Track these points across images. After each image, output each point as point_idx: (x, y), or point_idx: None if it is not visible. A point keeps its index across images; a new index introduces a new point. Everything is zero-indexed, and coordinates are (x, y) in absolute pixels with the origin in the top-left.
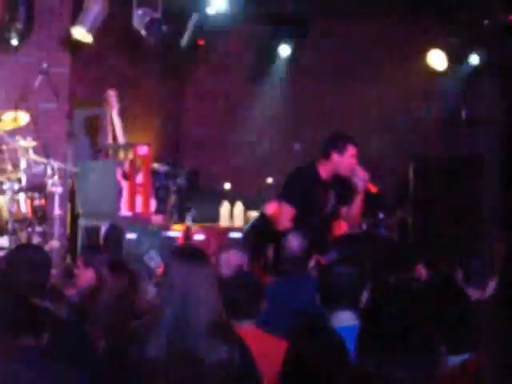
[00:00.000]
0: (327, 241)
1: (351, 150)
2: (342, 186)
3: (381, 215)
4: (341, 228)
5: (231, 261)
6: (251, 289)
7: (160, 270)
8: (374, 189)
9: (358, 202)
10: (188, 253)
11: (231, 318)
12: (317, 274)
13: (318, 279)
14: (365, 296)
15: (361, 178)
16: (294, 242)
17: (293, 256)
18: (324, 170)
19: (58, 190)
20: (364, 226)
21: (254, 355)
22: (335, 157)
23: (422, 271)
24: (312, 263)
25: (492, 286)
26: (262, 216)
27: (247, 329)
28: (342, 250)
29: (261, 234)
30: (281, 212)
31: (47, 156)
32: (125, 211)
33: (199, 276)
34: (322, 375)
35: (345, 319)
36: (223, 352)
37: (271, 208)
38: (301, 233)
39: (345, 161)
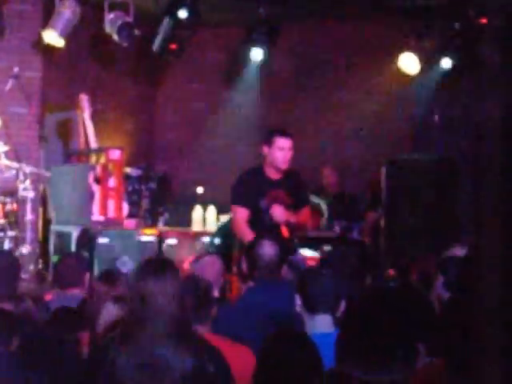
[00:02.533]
0: (290, 241)
1: (279, 142)
2: (292, 184)
3: None
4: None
5: (209, 266)
6: (200, 294)
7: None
8: (285, 232)
9: (303, 211)
10: (153, 265)
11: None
12: (292, 278)
13: (297, 284)
14: (342, 302)
15: (274, 218)
16: (267, 249)
17: (266, 263)
18: (268, 169)
19: (30, 194)
20: (337, 229)
21: None
22: (265, 150)
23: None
24: (285, 268)
25: None
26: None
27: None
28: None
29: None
30: (234, 215)
31: (19, 160)
32: (97, 216)
33: (162, 287)
34: (294, 381)
35: (323, 325)
36: (189, 362)
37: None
38: (272, 239)
39: (273, 153)
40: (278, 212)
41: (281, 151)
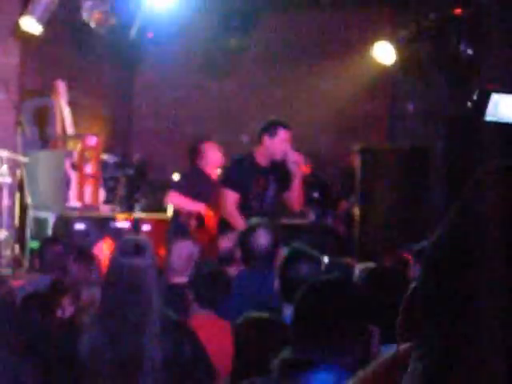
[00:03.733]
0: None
1: (282, 134)
2: (281, 172)
3: None
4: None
5: (182, 251)
6: (215, 279)
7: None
8: (306, 169)
9: (296, 186)
10: (130, 246)
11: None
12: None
13: (278, 272)
14: None
15: (294, 161)
16: (263, 239)
17: (261, 252)
18: (260, 157)
19: (7, 180)
20: (312, 216)
21: (210, 343)
22: (267, 141)
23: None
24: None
25: None
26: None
27: (208, 317)
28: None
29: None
30: (225, 199)
31: None
32: (74, 202)
33: (142, 271)
34: (264, 363)
35: None
36: (168, 347)
37: (174, 199)
38: (269, 228)
39: (276, 145)
40: (295, 154)
41: (283, 143)
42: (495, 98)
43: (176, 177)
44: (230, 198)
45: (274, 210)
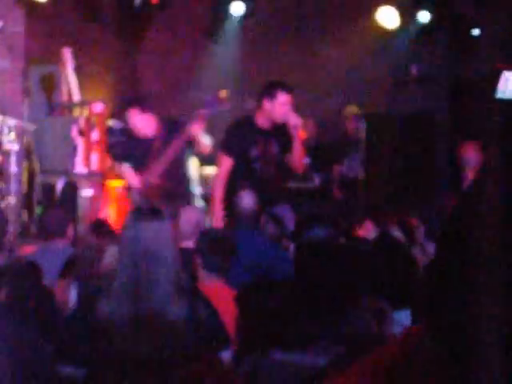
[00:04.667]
0: (277, 190)
1: (281, 97)
2: (282, 134)
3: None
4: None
5: (191, 216)
6: (226, 245)
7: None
8: (303, 135)
9: (297, 149)
10: (145, 211)
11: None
12: (270, 228)
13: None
14: None
15: (293, 125)
16: (246, 200)
17: (245, 214)
18: (261, 119)
19: (14, 147)
20: (317, 181)
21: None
22: (266, 104)
23: (369, 228)
24: (264, 218)
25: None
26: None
27: (218, 284)
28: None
29: None
30: (220, 165)
31: (3, 113)
32: (80, 168)
33: (158, 234)
34: (270, 329)
35: None
36: (186, 309)
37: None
38: (251, 190)
39: (276, 107)
40: (295, 117)
41: (283, 106)
42: (506, 75)
43: None
44: (224, 165)
45: (277, 172)
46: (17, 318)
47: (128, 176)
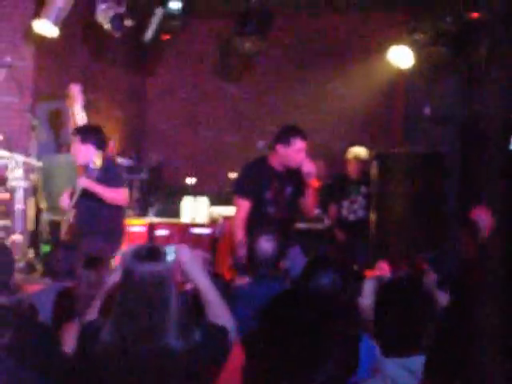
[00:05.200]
0: (289, 233)
1: (297, 144)
2: (296, 177)
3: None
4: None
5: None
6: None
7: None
8: (316, 183)
9: (309, 194)
10: (145, 252)
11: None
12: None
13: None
14: None
15: (307, 172)
16: (266, 245)
17: (265, 260)
18: (275, 162)
19: (21, 184)
20: (327, 222)
21: None
22: (280, 149)
23: (386, 268)
24: (284, 264)
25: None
26: None
27: None
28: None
29: None
30: (237, 208)
31: (10, 150)
32: None
33: (158, 275)
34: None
35: None
36: (185, 343)
37: None
38: (271, 234)
39: (290, 154)
40: (309, 164)
41: (298, 153)
42: None
43: (191, 181)
44: (242, 208)
45: (290, 215)
46: (18, 360)
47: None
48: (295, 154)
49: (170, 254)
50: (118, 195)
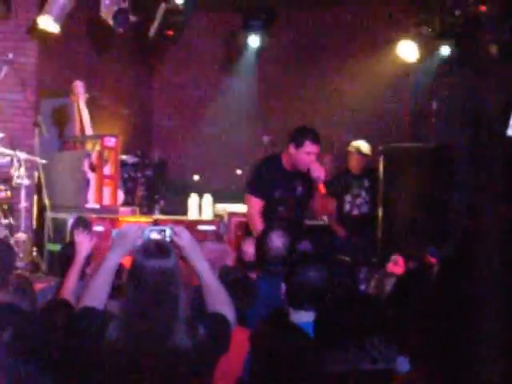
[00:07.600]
0: (300, 229)
1: (308, 147)
2: (306, 178)
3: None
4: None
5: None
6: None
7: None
8: (323, 189)
9: (317, 197)
10: (154, 248)
11: None
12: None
13: (285, 278)
14: None
15: (315, 176)
16: (277, 242)
17: (277, 256)
18: (286, 161)
19: (25, 181)
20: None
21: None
22: (292, 150)
23: (401, 263)
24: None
25: None
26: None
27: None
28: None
29: None
30: (249, 206)
31: (13, 147)
32: (92, 203)
33: (166, 271)
34: (284, 367)
35: (305, 317)
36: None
37: None
38: (282, 230)
39: (301, 155)
40: (318, 169)
41: (308, 156)
42: None
43: (196, 178)
44: (254, 205)
45: (300, 215)
46: (19, 356)
47: None
48: (305, 156)
49: (168, 234)
50: None
